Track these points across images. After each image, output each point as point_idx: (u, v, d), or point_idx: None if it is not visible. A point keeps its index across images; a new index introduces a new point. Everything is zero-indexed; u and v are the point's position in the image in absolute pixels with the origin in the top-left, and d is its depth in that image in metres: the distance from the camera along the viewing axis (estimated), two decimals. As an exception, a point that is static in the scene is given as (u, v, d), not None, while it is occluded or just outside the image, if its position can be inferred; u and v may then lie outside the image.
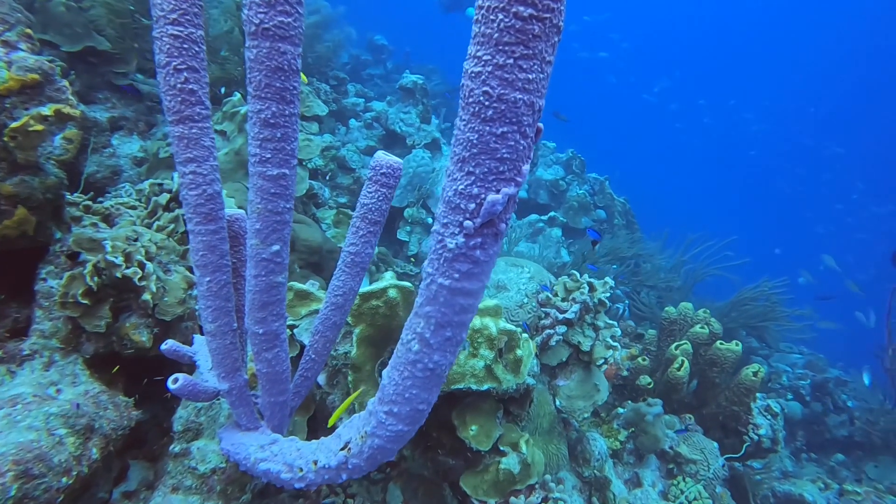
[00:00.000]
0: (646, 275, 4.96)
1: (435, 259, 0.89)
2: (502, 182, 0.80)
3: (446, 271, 0.88)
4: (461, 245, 0.85)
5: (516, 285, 2.22)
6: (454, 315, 0.93)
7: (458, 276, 0.88)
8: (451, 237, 0.85)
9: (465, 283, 0.89)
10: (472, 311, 0.96)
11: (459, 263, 0.87)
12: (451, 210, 0.83)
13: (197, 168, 1.15)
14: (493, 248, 0.88)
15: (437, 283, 0.90)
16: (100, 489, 1.75)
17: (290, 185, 1.11)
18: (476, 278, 0.89)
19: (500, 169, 0.78)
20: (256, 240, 1.14)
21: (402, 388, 1.04)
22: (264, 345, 1.27)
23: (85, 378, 1.61)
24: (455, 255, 0.86)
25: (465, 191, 0.81)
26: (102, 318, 1.57)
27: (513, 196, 0.83)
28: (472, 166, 0.79)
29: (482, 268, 0.89)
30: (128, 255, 1.58)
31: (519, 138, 0.77)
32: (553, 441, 2.25)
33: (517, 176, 0.81)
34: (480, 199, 0.81)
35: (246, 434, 1.43)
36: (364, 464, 1.19)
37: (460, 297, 0.91)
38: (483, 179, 0.79)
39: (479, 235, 0.84)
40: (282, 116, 1.03)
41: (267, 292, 1.20)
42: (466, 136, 0.77)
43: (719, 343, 3.10)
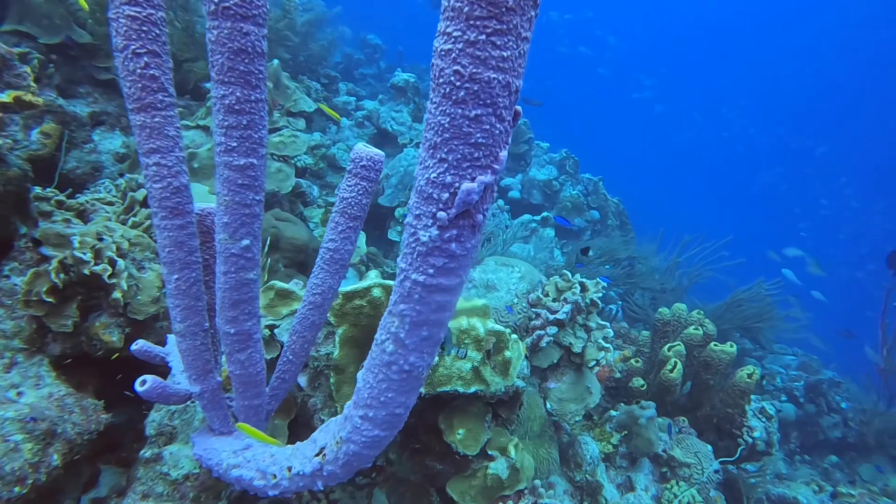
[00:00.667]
0: (640, 276, 4.91)
1: (408, 253, 0.83)
2: (478, 169, 0.74)
3: (420, 266, 0.82)
4: (435, 238, 0.79)
5: (506, 285, 2.16)
6: (430, 313, 0.87)
7: (432, 271, 0.82)
8: (424, 230, 0.79)
9: (440, 279, 0.83)
10: (450, 309, 0.90)
11: (434, 258, 0.81)
12: (423, 200, 0.78)
13: (161, 159, 1.08)
14: (470, 241, 0.82)
15: (411, 279, 0.84)
16: (66, 496, 1.68)
17: (258, 175, 1.04)
18: (453, 273, 0.83)
19: (474, 155, 0.72)
20: (225, 234, 1.08)
21: (377, 391, 0.98)
22: (237, 345, 1.21)
23: (50, 380, 1.54)
24: (429, 249, 0.80)
25: (437, 179, 0.75)
26: (69, 317, 1.50)
27: (490, 185, 0.77)
28: (445, 153, 0.73)
29: (459, 262, 0.83)
30: (97, 252, 1.52)
31: (494, 121, 0.71)
32: (544, 445, 2.19)
33: (494, 163, 0.75)
34: (454, 188, 0.75)
35: (219, 439, 1.37)
36: (340, 471, 1.13)
37: (436, 294, 0.85)
38: (457, 167, 0.73)
39: (454, 227, 0.78)
40: (247, 102, 0.97)
41: (237, 290, 1.13)
42: (437, 119, 0.71)
43: (713, 345, 3.05)
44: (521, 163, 5.45)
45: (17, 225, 1.61)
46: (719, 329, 4.88)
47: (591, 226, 5.18)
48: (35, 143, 2.45)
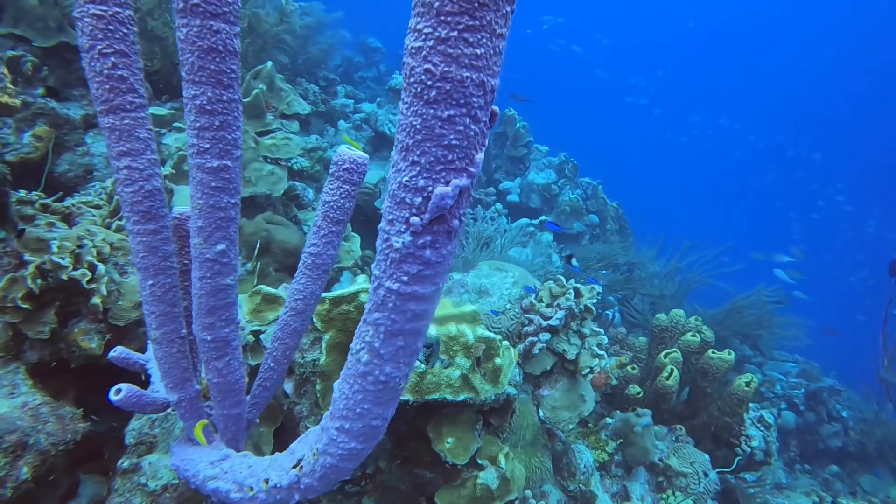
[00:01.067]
0: (639, 281, 4.87)
1: (381, 260, 0.80)
2: (452, 172, 0.71)
3: (394, 274, 0.79)
4: (408, 244, 0.75)
5: (499, 290, 2.12)
6: (405, 323, 0.84)
7: (406, 278, 0.78)
8: (397, 235, 0.76)
9: (415, 287, 0.80)
10: (427, 318, 0.87)
11: (408, 265, 0.77)
12: (396, 205, 0.74)
13: (132, 162, 1.05)
14: (445, 248, 0.78)
15: (385, 287, 0.81)
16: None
17: (233, 178, 1.01)
18: (428, 281, 0.80)
19: (448, 158, 0.69)
20: (199, 238, 1.04)
21: (352, 402, 0.94)
22: (214, 353, 1.17)
23: (26, 388, 1.50)
24: (402, 256, 0.77)
25: (409, 183, 0.72)
26: (46, 323, 1.47)
27: (465, 188, 0.74)
28: (417, 155, 0.69)
29: (434, 269, 0.79)
30: (77, 256, 1.48)
31: (469, 122, 0.67)
32: (536, 454, 2.15)
33: (469, 165, 0.72)
34: (427, 193, 0.72)
35: (197, 449, 1.33)
36: (317, 484, 1.09)
37: (411, 303, 0.81)
38: (430, 170, 0.70)
39: (428, 233, 0.75)
40: (219, 102, 0.93)
41: (214, 296, 1.10)
42: (409, 120, 0.68)
43: (711, 352, 3.01)
44: (520, 166, 5.41)
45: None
46: (719, 335, 4.83)
47: (589, 230, 5.14)
48: (27, 147, 2.42)
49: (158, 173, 1.10)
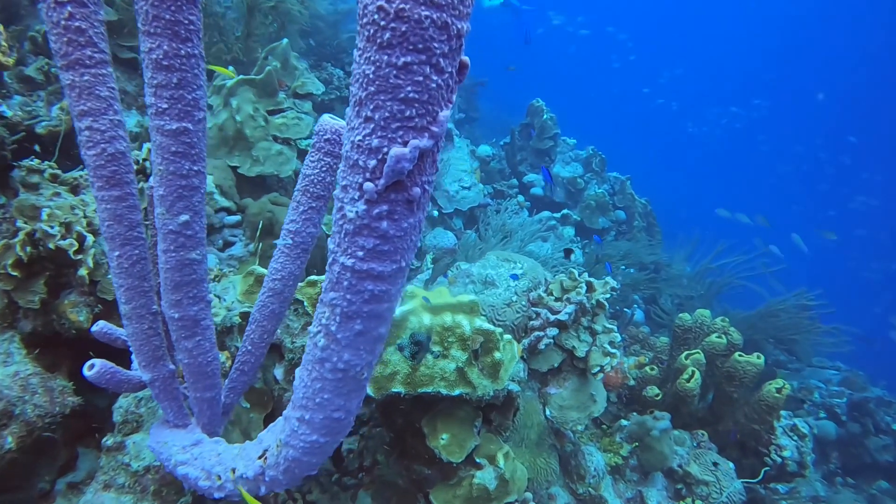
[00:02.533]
0: (666, 281, 4.68)
1: (336, 233, 0.71)
2: (411, 132, 0.61)
3: (348, 248, 0.70)
4: (362, 214, 0.66)
5: (506, 282, 2.02)
6: (363, 304, 0.75)
7: (362, 254, 0.69)
8: (350, 204, 0.66)
9: (372, 264, 0.70)
10: (389, 301, 0.77)
11: (363, 238, 0.68)
12: (349, 169, 0.65)
13: (93, 123, 0.98)
14: (405, 220, 0.69)
15: (340, 263, 0.72)
16: (40, 478, 1.62)
17: (195, 143, 0.93)
18: (387, 258, 0.71)
19: (406, 113, 0.59)
20: (162, 208, 0.97)
21: (311, 391, 0.86)
22: (183, 332, 1.11)
23: (20, 358, 1.48)
24: (357, 228, 0.67)
25: (363, 143, 0.62)
26: (36, 293, 1.44)
27: (428, 151, 0.64)
28: (371, 110, 0.60)
29: (394, 245, 0.70)
30: (67, 226, 1.44)
31: (430, 72, 0.58)
32: (542, 454, 2.04)
33: (432, 124, 0.62)
34: (383, 154, 0.62)
35: (173, 432, 1.27)
36: (282, 477, 1.02)
37: (368, 282, 0.72)
38: (385, 128, 0.60)
39: (384, 202, 0.65)
40: (176, 57, 0.85)
41: (179, 271, 1.03)
42: (362, 69, 0.59)
43: (738, 355, 2.84)
44: (546, 159, 5.26)
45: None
46: (751, 339, 4.61)
47: (615, 226, 4.97)
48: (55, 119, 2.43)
49: (123, 136, 1.03)
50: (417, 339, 1.19)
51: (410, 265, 0.78)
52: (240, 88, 2.40)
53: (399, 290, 0.78)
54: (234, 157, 2.40)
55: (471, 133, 6.88)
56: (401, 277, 0.76)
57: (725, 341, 2.86)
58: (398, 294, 0.78)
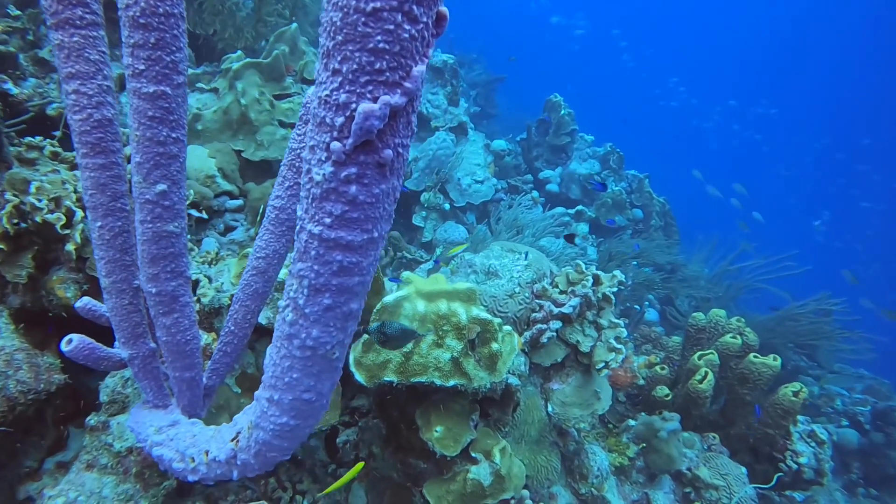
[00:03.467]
0: (682, 281, 4.57)
1: (304, 198, 0.66)
2: (381, 87, 0.56)
3: (315, 214, 0.65)
4: (329, 176, 0.61)
5: (509, 273, 1.96)
6: (331, 277, 0.70)
7: (329, 220, 0.64)
8: (317, 165, 0.61)
9: (340, 232, 0.65)
10: (360, 274, 0.72)
11: (330, 203, 0.63)
12: (317, 127, 0.60)
13: (80, 86, 0.95)
14: (377, 186, 0.63)
15: (307, 230, 0.67)
16: (30, 457, 1.60)
17: (174, 108, 0.89)
18: (356, 226, 0.65)
19: (375, 66, 0.54)
20: (139, 176, 0.93)
21: (280, 369, 0.81)
22: (160, 308, 1.07)
23: (7, 333, 1.46)
24: (324, 192, 0.62)
25: (330, 98, 0.57)
26: (24, 267, 1.42)
27: (400, 109, 0.59)
28: (338, 62, 0.55)
29: (364, 212, 0.65)
30: (56, 200, 1.42)
31: (402, 20, 0.53)
32: (543, 451, 1.98)
33: (405, 80, 0.57)
34: (351, 111, 0.57)
35: (152, 412, 1.24)
36: (254, 461, 0.98)
37: (337, 252, 0.67)
38: (353, 81, 0.55)
39: (352, 164, 0.60)
40: (154, 15, 0.81)
41: (156, 243, 0.99)
42: (330, 16, 0.54)
43: (753, 356, 2.74)
44: (562, 155, 5.17)
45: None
46: (769, 343, 4.48)
47: (632, 225, 4.85)
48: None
49: (111, 102, 0.99)
50: (409, 330, 1.13)
51: (385, 236, 0.73)
52: (246, 72, 2.37)
53: (372, 264, 0.73)
54: (237, 140, 2.37)
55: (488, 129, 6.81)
56: (373, 249, 0.70)
57: (740, 342, 2.76)
58: (371, 268, 0.73)
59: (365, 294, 0.77)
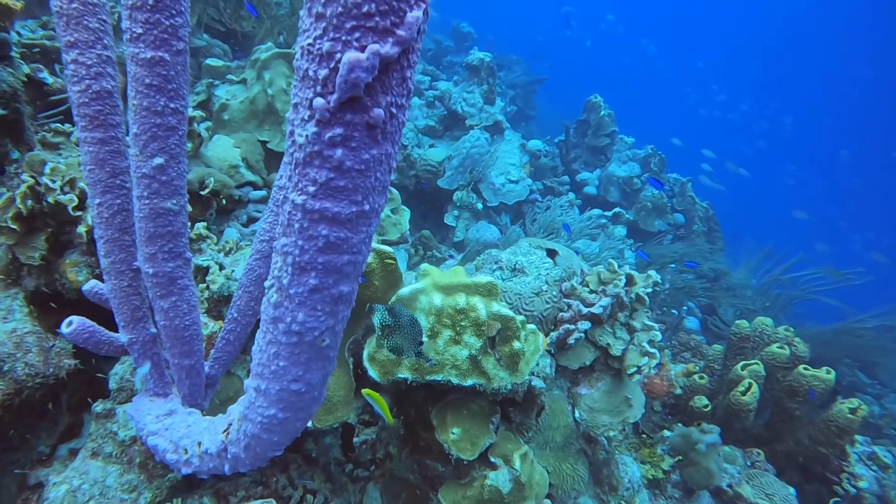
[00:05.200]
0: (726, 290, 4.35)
1: (286, 163, 0.59)
2: (370, 34, 0.48)
3: (298, 182, 0.58)
4: (312, 138, 0.53)
5: (537, 270, 1.85)
6: (317, 253, 0.62)
7: (313, 189, 0.57)
8: (300, 126, 0.54)
9: (325, 203, 0.57)
10: (350, 253, 0.64)
11: (314, 169, 0.56)
12: (299, 82, 0.53)
13: (79, 56, 0.91)
14: (366, 150, 0.55)
15: (290, 200, 0.60)
16: (41, 442, 1.59)
17: (172, 77, 0.84)
18: (344, 196, 0.57)
19: (363, 8, 0.46)
20: (136, 149, 0.88)
21: (266, 356, 0.74)
22: (158, 290, 1.02)
23: (21, 315, 1.44)
24: (307, 155, 0.55)
25: (313, 47, 0.50)
26: (37, 248, 1.40)
27: (391, 61, 0.50)
28: (322, 4, 0.47)
29: (352, 180, 0.57)
30: (71, 182, 1.40)
31: None
32: (569, 459, 1.87)
33: (397, 26, 0.49)
34: (335, 62, 0.50)
35: (152, 400, 1.20)
36: (244, 455, 0.91)
37: (322, 226, 0.59)
38: (338, 27, 0.47)
39: (337, 123, 0.52)
40: (148, -26, 0.76)
41: (153, 220, 0.94)
42: None
43: (803, 368, 2.55)
44: (601, 157, 5.01)
45: (10, 150, 1.54)
46: (824, 356, 4.22)
47: (672, 230, 4.65)
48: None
49: (111, 74, 0.95)
50: (385, 323, 1.02)
51: (379, 210, 0.65)
52: (274, 61, 2.35)
53: (364, 241, 0.65)
54: (263, 131, 2.34)
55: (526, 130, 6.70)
56: (364, 224, 0.62)
57: (788, 352, 2.58)
58: (362, 246, 0.65)
59: (357, 276, 0.69)
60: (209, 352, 1.25)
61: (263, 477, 1.69)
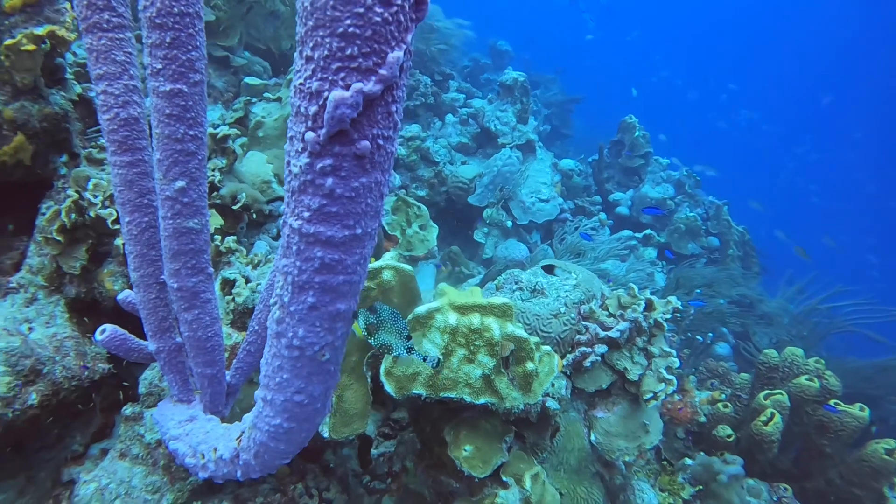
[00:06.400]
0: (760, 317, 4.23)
1: (286, 191, 0.65)
2: (354, 74, 0.53)
3: (295, 208, 0.63)
4: (305, 168, 0.59)
5: (556, 291, 1.87)
6: (313, 274, 0.67)
7: (308, 214, 0.62)
8: (295, 157, 0.59)
9: (319, 227, 0.63)
10: (345, 273, 0.69)
11: (308, 196, 0.61)
12: (294, 118, 0.58)
13: (108, 87, 0.99)
14: (356, 179, 0.60)
15: (288, 224, 0.65)
16: (73, 441, 1.68)
17: (191, 106, 0.91)
18: (336, 221, 0.62)
19: (346, 52, 0.52)
20: (159, 173, 0.95)
21: (271, 368, 0.79)
22: (182, 303, 1.09)
23: (62, 321, 1.54)
24: (301, 184, 0.60)
25: (304, 87, 0.55)
26: (78, 259, 1.50)
27: (375, 98, 0.55)
28: (310, 48, 0.53)
29: (344, 206, 0.62)
30: (112, 197, 1.50)
31: (371, 2, 0.50)
32: (583, 482, 1.86)
33: (379, 66, 0.54)
34: (323, 99, 0.55)
35: (176, 406, 1.26)
36: (254, 462, 0.96)
37: (317, 248, 0.65)
38: (325, 69, 0.53)
39: (327, 155, 0.57)
40: (169, 15, 0.83)
41: (176, 239, 1.01)
42: (302, 1, 0.52)
43: (833, 403, 2.47)
44: (634, 178, 4.98)
45: (57, 164, 1.65)
46: (864, 392, 4.04)
47: (706, 253, 4.57)
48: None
49: (137, 101, 1.03)
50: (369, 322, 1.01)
51: (374, 234, 0.70)
52: (309, 83, 2.44)
53: (359, 263, 0.70)
54: (296, 148, 2.43)
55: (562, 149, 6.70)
56: (358, 246, 0.67)
57: (818, 386, 2.50)
58: (357, 267, 0.70)
59: (355, 295, 0.74)
60: (232, 361, 1.31)
61: (281, 485, 1.74)
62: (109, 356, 1.60)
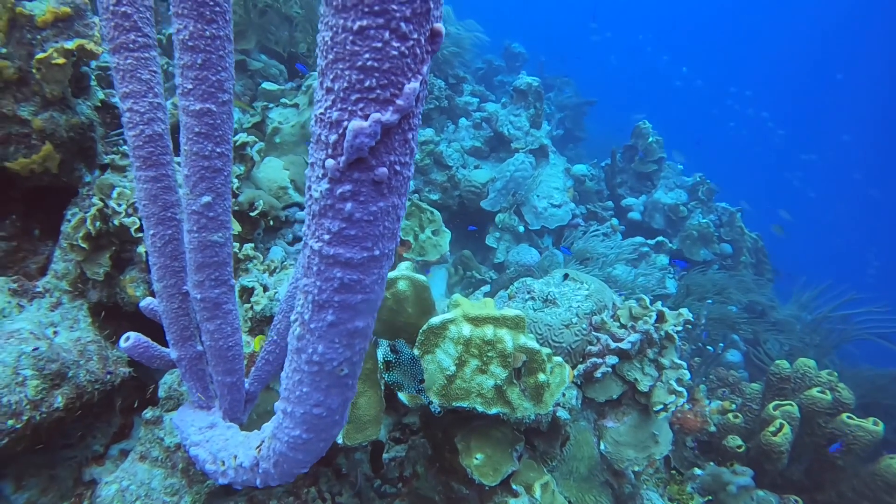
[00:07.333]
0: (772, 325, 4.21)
1: (307, 214, 0.68)
2: (372, 104, 0.56)
3: (316, 231, 0.65)
4: (325, 193, 0.61)
5: (568, 302, 1.88)
6: (333, 293, 0.70)
7: (328, 237, 0.64)
8: (316, 182, 0.62)
9: (339, 249, 0.65)
10: (363, 292, 0.72)
11: (328, 220, 0.63)
12: (315, 145, 0.61)
13: (133, 105, 1.02)
14: (374, 203, 0.63)
15: (309, 246, 0.68)
16: (95, 441, 1.73)
17: (219, 125, 0.94)
18: (355, 243, 0.65)
19: (365, 83, 0.54)
20: (186, 188, 0.99)
21: (291, 382, 0.82)
22: (205, 313, 1.12)
23: (85, 325, 1.59)
24: (322, 208, 0.63)
25: (324, 116, 0.58)
26: (101, 265, 1.54)
27: (391, 127, 0.58)
28: (331, 80, 0.55)
29: (362, 230, 0.64)
30: (134, 205, 1.54)
31: (389, 37, 0.52)
32: (592, 491, 1.88)
33: (396, 97, 0.56)
34: (343, 129, 0.58)
35: (196, 412, 1.30)
36: (273, 470, 0.99)
37: (337, 269, 0.67)
38: (344, 99, 0.55)
39: (347, 181, 0.60)
40: (201, 38, 0.86)
41: (201, 252, 1.04)
42: (322, 36, 0.54)
43: (846, 416, 2.46)
44: (647, 183, 4.97)
45: (83, 172, 1.70)
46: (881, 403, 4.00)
47: (719, 260, 4.56)
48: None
49: (162, 118, 1.06)
50: (387, 359, 1.05)
51: (391, 254, 0.73)
52: (326, 90, 2.47)
53: (376, 283, 0.72)
54: (313, 155, 2.46)
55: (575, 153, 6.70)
56: (375, 267, 0.70)
57: (830, 398, 2.49)
58: (375, 286, 0.73)
59: (372, 312, 0.77)
60: (250, 369, 1.34)
61: (295, 488, 1.78)
62: (130, 360, 1.64)
